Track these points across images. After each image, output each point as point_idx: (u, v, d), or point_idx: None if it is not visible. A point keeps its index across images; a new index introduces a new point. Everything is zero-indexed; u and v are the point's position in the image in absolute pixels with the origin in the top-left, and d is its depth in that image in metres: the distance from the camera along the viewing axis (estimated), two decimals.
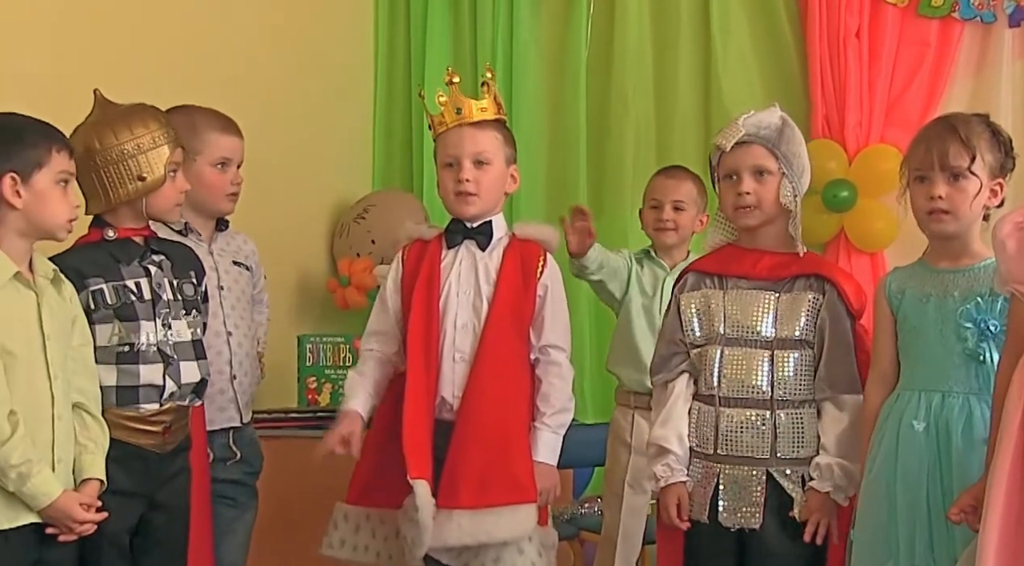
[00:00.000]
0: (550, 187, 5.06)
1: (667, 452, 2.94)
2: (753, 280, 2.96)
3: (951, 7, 4.50)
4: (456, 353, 3.06)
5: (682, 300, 3.02)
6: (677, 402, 2.97)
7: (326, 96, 5.01)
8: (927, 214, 2.78)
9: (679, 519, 2.92)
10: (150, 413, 2.89)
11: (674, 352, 3.00)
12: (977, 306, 2.71)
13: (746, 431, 2.89)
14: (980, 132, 2.77)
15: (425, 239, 3.19)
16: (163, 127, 2.96)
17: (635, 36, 4.92)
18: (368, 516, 3.15)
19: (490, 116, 3.13)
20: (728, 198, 2.97)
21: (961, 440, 2.68)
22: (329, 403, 4.51)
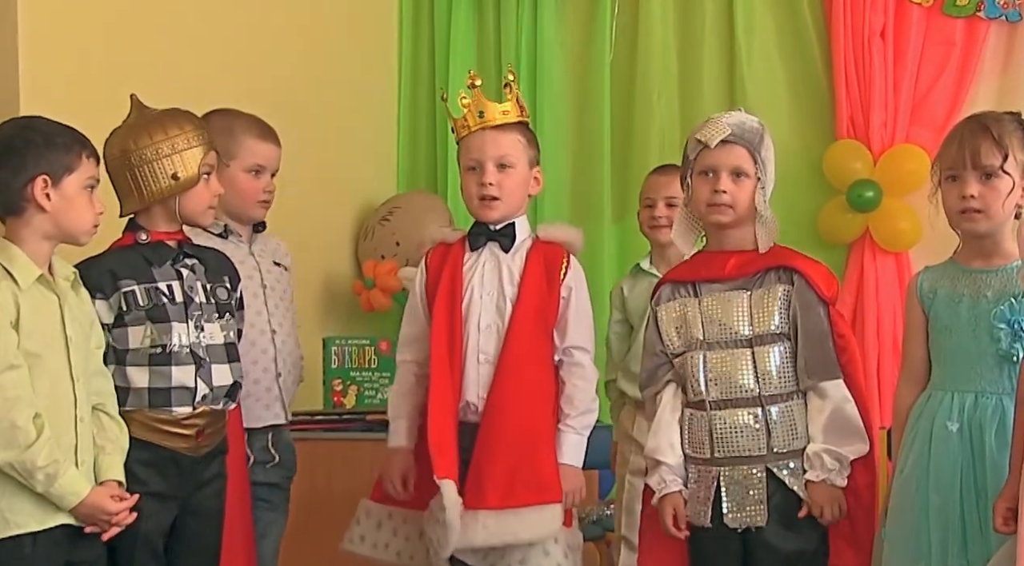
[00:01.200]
0: (574, 189, 5.07)
1: (660, 463, 2.93)
2: (725, 281, 2.95)
3: (976, 6, 4.49)
4: (480, 355, 3.07)
5: (660, 312, 3.01)
6: (666, 413, 2.96)
7: (351, 98, 5.02)
8: (959, 213, 2.76)
9: (676, 529, 2.91)
10: (183, 416, 2.90)
11: (658, 364, 3.00)
12: (1011, 307, 2.70)
13: (740, 431, 2.88)
14: (1012, 130, 2.76)
15: (448, 242, 3.20)
16: (198, 129, 2.98)
17: (659, 37, 4.92)
18: (390, 514, 3.16)
19: (512, 118, 3.13)
20: (703, 194, 2.94)
21: (995, 441, 2.67)
22: (355, 405, 4.52)
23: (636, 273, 3.90)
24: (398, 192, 5.23)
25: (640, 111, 4.95)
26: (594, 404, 3.13)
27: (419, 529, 3.10)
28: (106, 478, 2.73)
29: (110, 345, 2.87)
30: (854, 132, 4.62)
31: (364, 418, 4.37)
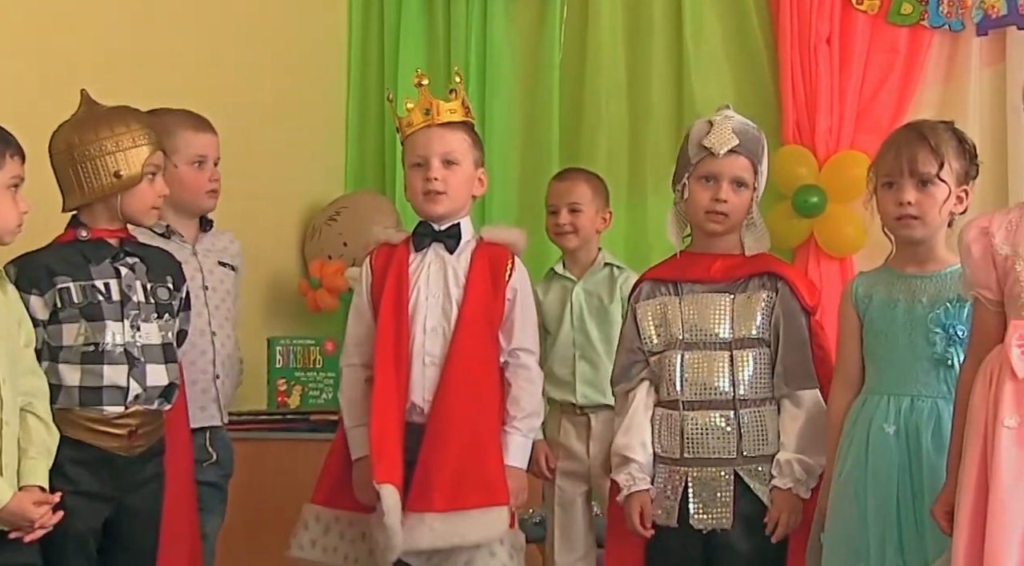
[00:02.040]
0: (523, 190, 5.06)
1: (630, 461, 2.96)
2: (708, 283, 2.98)
3: (920, 15, 4.53)
4: (427, 357, 3.07)
5: (638, 309, 3.04)
6: (638, 410, 2.99)
7: (298, 97, 5.00)
8: (896, 220, 2.81)
9: (643, 527, 2.93)
10: (114, 415, 2.88)
11: (633, 361, 3.03)
12: (946, 311, 2.76)
13: (711, 433, 2.92)
14: (947, 139, 2.81)
15: (392, 243, 3.20)
16: (145, 128, 2.97)
17: (608, 40, 4.94)
18: (338, 518, 3.16)
19: (459, 118, 3.15)
20: (702, 200, 2.98)
21: (931, 443, 2.72)
22: (299, 405, 4.51)
23: (550, 277, 3.92)
24: (345, 192, 5.22)
25: (589, 113, 4.96)
26: (540, 406, 3.16)
27: (364, 531, 3.10)
28: (28, 483, 2.70)
29: (44, 342, 2.85)
30: (800, 138, 4.65)
31: (308, 418, 4.37)
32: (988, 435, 2.44)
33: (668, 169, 4.77)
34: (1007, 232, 2.54)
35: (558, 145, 5.01)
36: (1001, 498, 2.37)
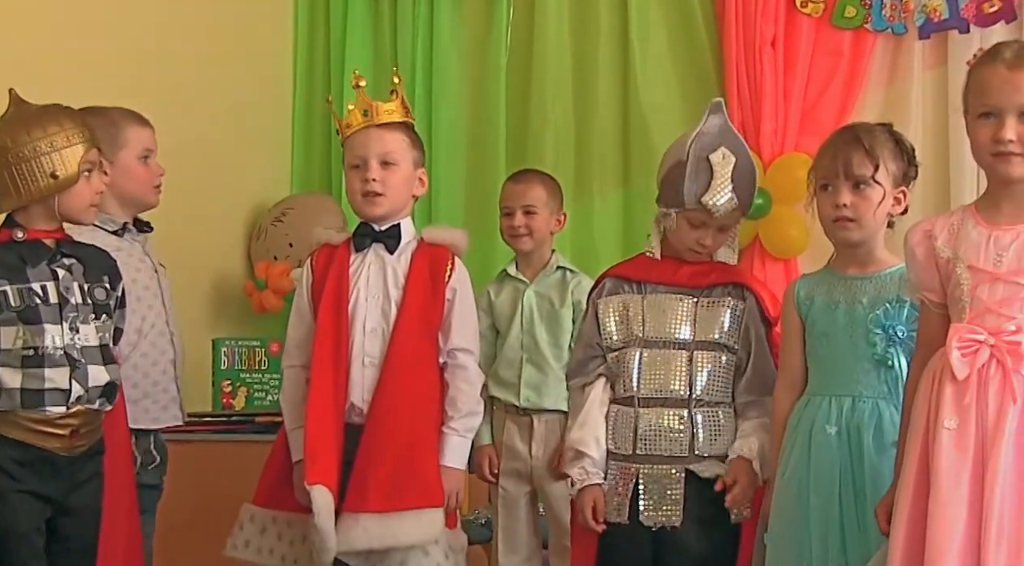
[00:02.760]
0: (470, 190, 5.07)
1: (584, 455, 2.98)
2: (673, 286, 3.00)
3: (863, 19, 4.57)
4: (365, 357, 3.07)
5: (600, 305, 3.06)
6: (594, 406, 3.01)
7: (244, 98, 4.98)
8: (833, 222, 2.83)
9: (595, 521, 2.94)
10: (56, 416, 2.86)
11: (591, 356, 3.04)
12: (886, 312, 2.78)
13: (665, 431, 2.95)
14: (884, 141, 2.83)
15: (333, 244, 3.19)
16: (78, 126, 2.94)
17: (554, 42, 4.95)
18: (275, 519, 3.15)
19: (397, 118, 3.15)
20: (687, 240, 3.02)
21: (872, 443, 2.74)
22: (244, 407, 4.49)
23: (503, 278, 3.92)
24: (292, 193, 5.21)
25: (535, 114, 4.97)
26: (478, 406, 3.16)
27: (303, 533, 3.09)
28: None
29: None
30: (745, 140, 4.66)
31: (253, 420, 4.36)
32: (928, 436, 2.46)
33: (614, 171, 4.87)
34: (949, 235, 2.56)
35: (505, 146, 5.01)
36: (941, 500, 2.39)
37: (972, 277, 2.49)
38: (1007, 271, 2.46)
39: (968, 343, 2.44)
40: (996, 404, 2.41)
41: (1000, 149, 2.46)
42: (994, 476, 2.36)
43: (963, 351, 2.44)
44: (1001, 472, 2.36)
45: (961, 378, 2.43)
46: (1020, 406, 2.39)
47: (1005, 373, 2.41)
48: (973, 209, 2.58)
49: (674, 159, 3.01)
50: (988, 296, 2.47)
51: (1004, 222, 2.51)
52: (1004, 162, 2.47)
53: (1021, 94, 2.45)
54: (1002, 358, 2.41)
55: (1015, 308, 2.45)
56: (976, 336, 2.44)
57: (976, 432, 2.41)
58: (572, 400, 3.11)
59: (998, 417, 2.40)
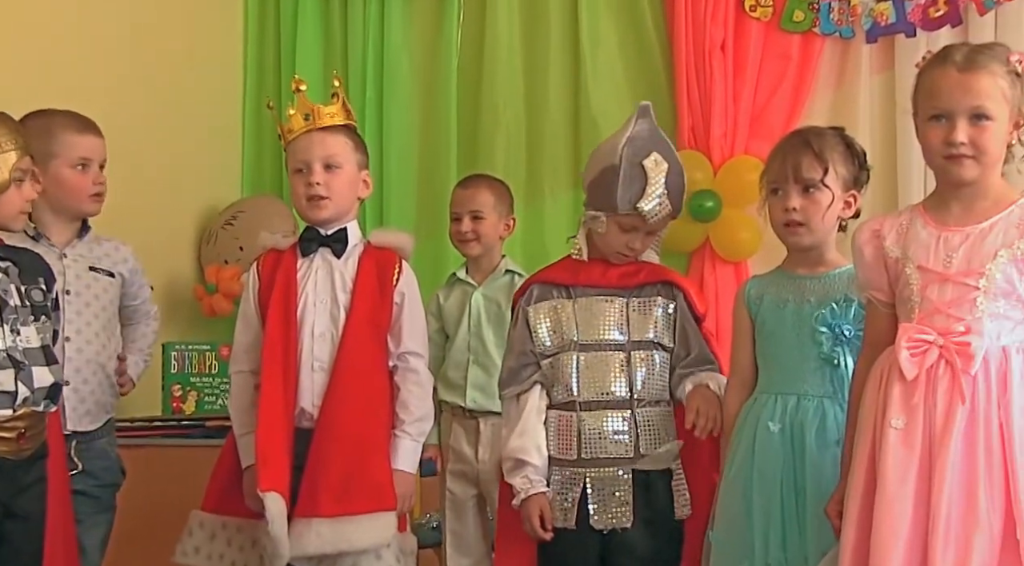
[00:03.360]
0: (421, 193, 5.07)
1: (526, 464, 2.96)
2: (601, 288, 3.01)
3: (812, 23, 4.61)
4: (315, 362, 3.06)
5: (530, 312, 3.05)
6: (532, 414, 3.00)
7: (195, 102, 4.95)
8: (783, 226, 2.85)
9: (542, 530, 2.94)
10: (4, 419, 2.83)
11: (525, 363, 3.03)
12: (832, 311, 2.79)
13: (609, 433, 2.94)
14: (834, 145, 2.84)
15: (280, 249, 3.18)
16: (11, 133, 2.91)
17: (505, 45, 4.96)
18: (224, 525, 3.13)
19: (339, 121, 3.14)
20: (615, 244, 3.02)
21: (815, 442, 2.75)
22: (194, 411, 4.46)
23: (452, 282, 3.93)
24: (242, 196, 5.18)
25: (486, 117, 4.97)
26: (430, 410, 3.15)
27: (253, 538, 3.07)
28: None
29: None
30: (695, 143, 4.70)
31: (204, 424, 4.32)
32: (876, 435, 2.48)
33: (565, 173, 4.87)
34: (898, 235, 2.57)
35: (456, 148, 5.01)
36: (888, 498, 2.41)
37: (922, 277, 2.51)
38: (956, 272, 2.48)
39: (917, 343, 2.46)
40: (944, 404, 2.42)
41: (951, 151, 2.48)
42: (942, 476, 2.38)
43: (912, 351, 2.46)
44: (949, 472, 2.38)
45: (910, 378, 2.45)
46: (968, 407, 2.41)
47: (954, 374, 2.43)
48: (921, 209, 2.59)
49: (605, 163, 2.99)
50: (937, 296, 2.49)
51: (953, 223, 2.53)
52: (955, 164, 2.49)
53: (971, 97, 2.46)
54: (951, 359, 2.43)
55: (964, 309, 2.47)
56: (925, 336, 2.45)
57: (924, 432, 2.43)
58: (506, 409, 3.08)
59: (946, 417, 2.41)
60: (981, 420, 2.41)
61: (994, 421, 2.41)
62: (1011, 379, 2.43)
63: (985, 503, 2.38)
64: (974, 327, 2.45)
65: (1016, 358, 2.45)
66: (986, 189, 2.53)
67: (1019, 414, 2.41)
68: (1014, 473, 2.39)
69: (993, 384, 2.43)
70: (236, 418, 3.15)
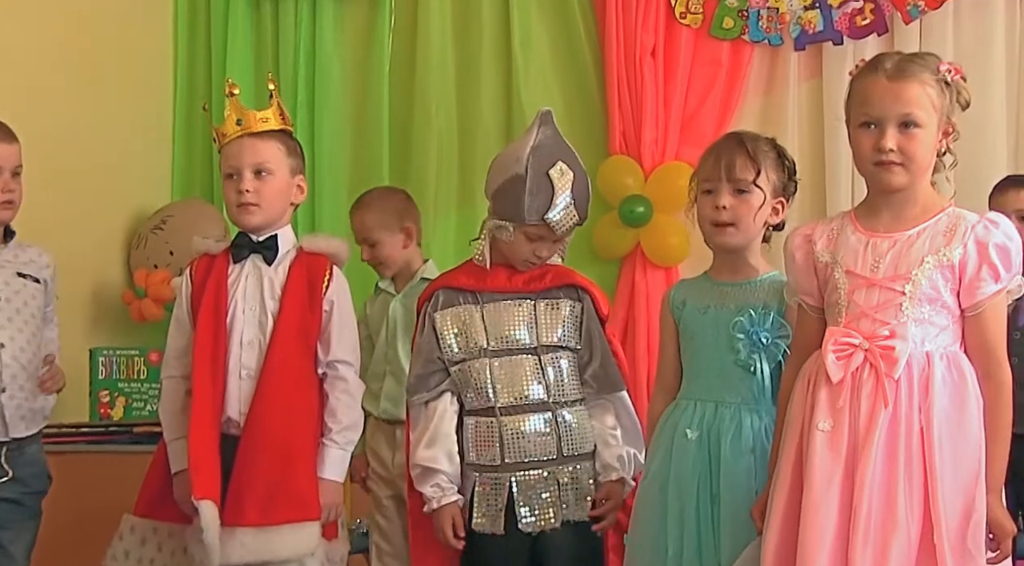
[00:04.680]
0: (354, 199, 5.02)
1: (436, 472, 2.95)
2: (508, 292, 3.02)
3: (741, 30, 4.65)
4: (243, 370, 3.05)
5: (437, 318, 3.04)
6: (443, 421, 2.99)
7: (124, 104, 4.91)
8: (712, 225, 2.85)
9: (455, 538, 2.93)
10: None
11: (433, 370, 3.02)
12: (750, 318, 2.80)
13: (531, 436, 2.95)
14: (767, 151, 2.87)
15: (212, 254, 3.16)
16: None
17: (438, 50, 4.95)
18: (156, 530, 3.11)
19: (273, 126, 3.13)
20: (522, 253, 3.02)
21: (730, 448, 2.75)
22: (122, 417, 4.42)
23: (377, 291, 3.92)
24: (172, 200, 5.14)
25: (419, 122, 4.97)
26: (358, 418, 3.13)
27: (184, 544, 3.06)
28: None
29: None
30: (626, 148, 4.71)
31: (132, 430, 4.30)
32: (803, 438, 2.50)
33: None
34: (828, 240, 2.60)
35: (388, 153, 5.01)
36: (814, 500, 2.43)
37: (849, 281, 2.54)
38: (883, 277, 2.51)
39: (843, 346, 2.48)
40: (868, 408, 2.45)
41: (881, 158, 2.51)
42: (863, 479, 2.41)
43: (838, 354, 2.48)
44: (870, 475, 2.41)
45: (836, 381, 2.47)
46: (891, 411, 2.44)
47: (878, 377, 2.45)
48: (852, 216, 2.62)
49: (510, 173, 2.98)
50: (864, 301, 2.52)
51: (883, 229, 2.56)
52: (885, 171, 2.52)
53: (901, 104, 2.50)
54: (875, 362, 2.46)
55: (889, 314, 2.49)
56: (851, 339, 2.48)
57: (849, 435, 2.45)
58: (413, 416, 3.06)
59: (869, 421, 2.44)
60: (903, 424, 2.44)
61: (915, 425, 2.44)
62: (933, 384, 2.46)
63: (904, 506, 2.41)
64: (899, 331, 2.48)
65: (939, 364, 2.48)
66: (915, 196, 2.56)
67: (940, 419, 2.44)
68: (933, 478, 2.41)
69: (915, 389, 2.46)
70: (166, 424, 3.13)
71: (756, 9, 4.62)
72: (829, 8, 4.55)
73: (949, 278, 2.50)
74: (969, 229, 2.51)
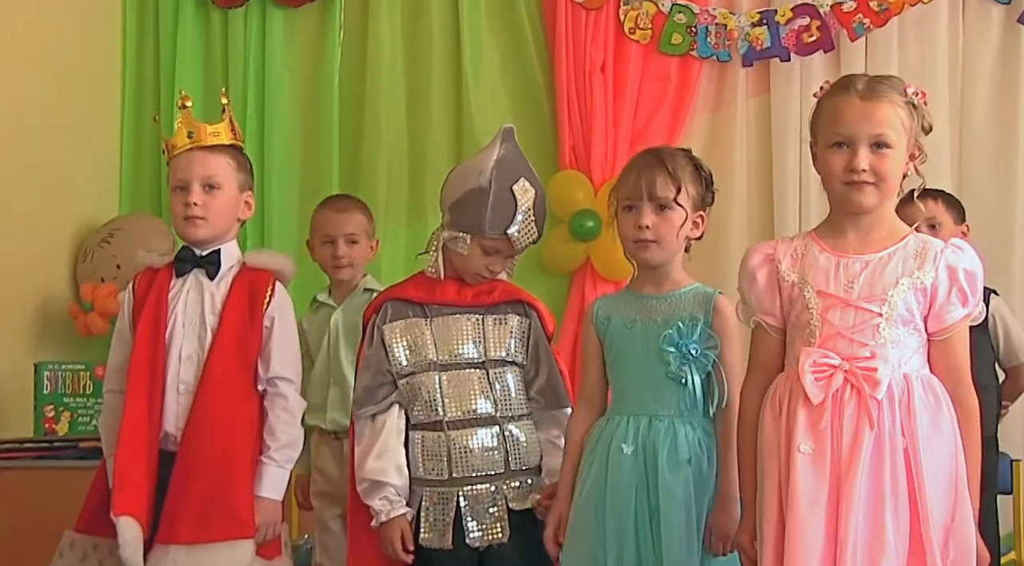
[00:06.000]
0: (303, 212, 5.00)
1: (385, 485, 2.93)
2: (457, 306, 3.02)
3: (689, 46, 4.68)
4: (180, 385, 3.02)
5: (385, 331, 3.02)
6: (391, 434, 2.96)
7: (72, 117, 4.87)
8: (634, 243, 2.84)
9: (404, 552, 2.92)
10: None
11: (381, 383, 3.00)
12: (678, 330, 2.78)
13: (479, 451, 2.94)
14: (685, 165, 2.85)
15: (156, 268, 3.14)
16: None
17: (388, 62, 4.95)
18: (96, 546, 3.08)
19: (223, 141, 3.11)
20: (475, 265, 3.01)
21: (667, 462, 2.73)
22: (68, 432, 4.37)
23: (315, 306, 3.90)
24: (120, 213, 5.10)
25: (369, 135, 4.96)
26: (298, 436, 3.10)
27: None
28: None
29: None
30: (576, 163, 4.73)
31: (77, 445, 4.25)
32: (782, 461, 2.47)
33: None
34: (793, 259, 2.58)
35: (338, 168, 5.00)
36: (799, 522, 2.40)
37: (822, 302, 2.51)
38: (859, 298, 2.50)
39: (822, 368, 2.46)
40: (852, 429, 2.43)
41: (853, 178, 2.49)
42: (849, 501, 2.39)
43: (817, 376, 2.46)
44: (856, 497, 2.39)
45: (816, 402, 2.44)
46: (876, 432, 2.42)
47: (861, 398, 2.43)
48: (815, 236, 2.60)
49: (471, 185, 2.98)
50: (840, 321, 2.50)
51: (851, 250, 2.54)
52: (856, 191, 2.51)
53: (873, 124, 2.49)
54: (857, 384, 2.44)
55: (867, 335, 2.48)
56: (830, 361, 2.46)
57: (832, 456, 2.43)
58: (359, 428, 3.02)
59: (854, 442, 2.42)
60: (887, 446, 2.42)
61: (899, 447, 2.42)
62: (914, 405, 2.45)
63: (891, 529, 2.39)
64: (879, 353, 2.46)
65: (917, 385, 2.47)
66: (881, 218, 2.55)
67: (924, 441, 2.43)
68: (922, 500, 2.41)
69: (897, 410, 2.44)
70: (105, 439, 3.10)
71: (704, 25, 4.66)
72: (777, 25, 4.59)
73: (921, 301, 2.49)
74: (939, 254, 2.51)
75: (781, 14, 4.60)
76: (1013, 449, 4.03)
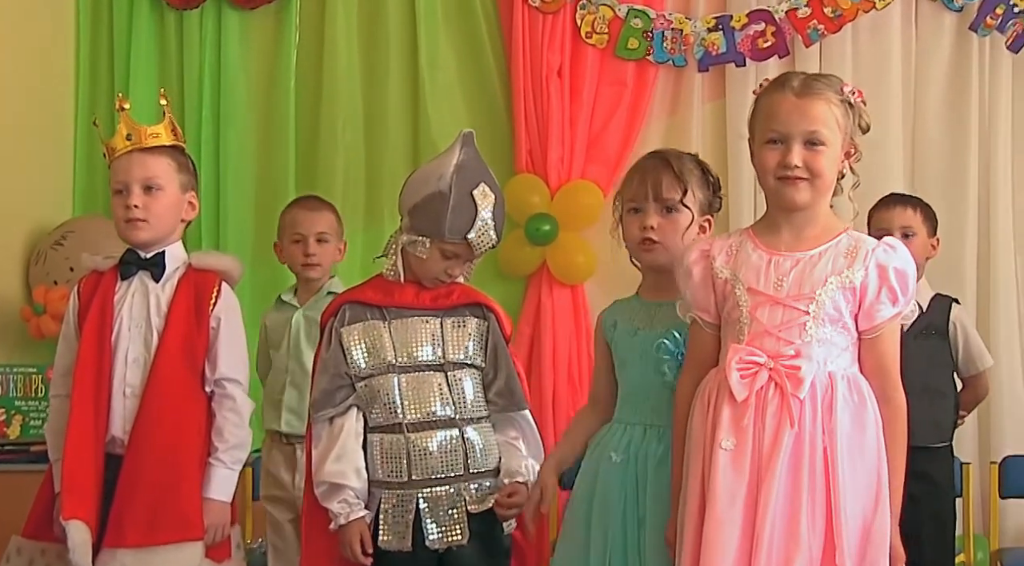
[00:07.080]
0: (259, 215, 5.01)
1: (344, 488, 2.91)
2: (416, 309, 3.01)
3: (646, 50, 4.70)
4: (127, 388, 3.02)
5: (344, 334, 3.01)
6: (350, 437, 2.95)
7: (24, 118, 4.83)
8: (639, 244, 2.84)
9: (364, 555, 2.91)
10: None
11: (339, 385, 2.99)
12: (674, 339, 2.76)
13: (439, 453, 2.93)
14: (692, 168, 2.86)
15: (101, 271, 3.12)
16: None
17: (344, 65, 4.94)
18: (43, 551, 3.06)
19: (164, 141, 3.10)
20: (434, 269, 3.00)
21: (654, 472, 2.73)
22: (19, 436, 4.34)
23: (279, 305, 3.90)
24: (73, 215, 5.06)
25: (325, 139, 4.95)
26: (247, 437, 3.10)
27: None
28: None
29: None
30: (532, 166, 4.74)
31: (29, 449, 4.22)
32: (706, 457, 2.50)
33: None
34: (727, 256, 2.60)
35: (295, 170, 4.98)
36: (717, 518, 2.43)
37: (751, 299, 2.54)
38: (787, 296, 2.52)
39: (748, 365, 2.48)
40: (773, 427, 2.45)
41: (786, 173, 2.52)
42: (767, 498, 2.41)
43: (743, 373, 2.48)
44: (774, 495, 2.41)
45: (740, 399, 2.47)
46: (796, 431, 2.44)
47: (783, 396, 2.46)
48: (751, 232, 2.63)
49: (431, 189, 2.97)
50: (767, 319, 2.52)
51: (783, 248, 2.56)
52: (789, 187, 2.53)
53: (807, 121, 2.51)
54: (781, 382, 2.46)
55: (793, 333, 2.50)
56: (756, 358, 2.48)
57: (752, 454, 2.45)
58: (317, 431, 3.00)
59: (774, 440, 2.44)
60: (807, 444, 2.45)
61: (819, 446, 2.45)
62: (836, 405, 2.47)
63: (806, 527, 2.41)
64: (803, 351, 2.48)
65: (841, 384, 2.49)
66: (816, 216, 2.57)
67: (843, 440, 2.45)
68: (836, 499, 2.43)
69: (819, 409, 2.47)
70: (51, 443, 3.09)
71: (660, 30, 4.68)
72: (732, 30, 4.62)
73: (850, 300, 2.52)
74: (870, 252, 2.53)
75: (736, 20, 4.62)
76: (963, 453, 4.06)
